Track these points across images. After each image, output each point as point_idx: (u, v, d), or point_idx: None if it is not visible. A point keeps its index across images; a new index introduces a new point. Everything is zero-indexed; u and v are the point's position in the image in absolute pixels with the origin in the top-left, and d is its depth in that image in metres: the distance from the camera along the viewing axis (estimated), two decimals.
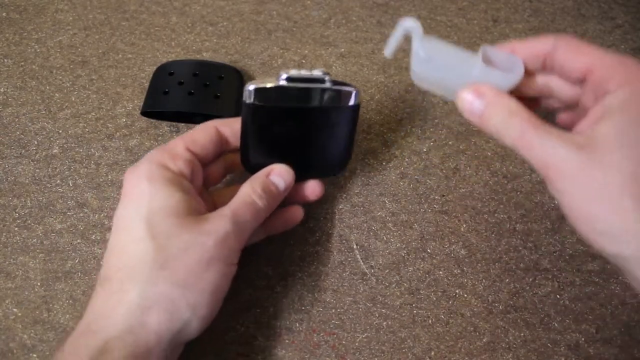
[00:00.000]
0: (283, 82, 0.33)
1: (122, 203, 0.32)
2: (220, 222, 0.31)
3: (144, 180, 0.31)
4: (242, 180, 0.35)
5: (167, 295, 0.29)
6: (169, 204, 0.30)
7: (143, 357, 0.28)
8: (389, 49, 0.31)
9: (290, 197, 0.37)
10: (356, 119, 0.36)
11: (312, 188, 0.38)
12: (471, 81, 0.29)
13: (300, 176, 0.37)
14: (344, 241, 0.40)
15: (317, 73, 0.34)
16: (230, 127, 0.36)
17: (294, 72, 0.33)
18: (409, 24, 0.30)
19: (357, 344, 0.36)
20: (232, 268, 0.32)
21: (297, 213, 0.38)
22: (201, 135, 0.35)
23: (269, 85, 0.33)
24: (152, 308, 0.28)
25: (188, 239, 0.30)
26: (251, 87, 0.33)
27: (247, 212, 0.32)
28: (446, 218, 0.41)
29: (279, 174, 0.35)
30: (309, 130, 0.36)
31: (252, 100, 0.33)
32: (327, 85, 0.34)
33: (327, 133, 0.36)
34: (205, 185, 0.36)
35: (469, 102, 0.29)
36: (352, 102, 0.35)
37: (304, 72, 0.33)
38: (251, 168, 0.36)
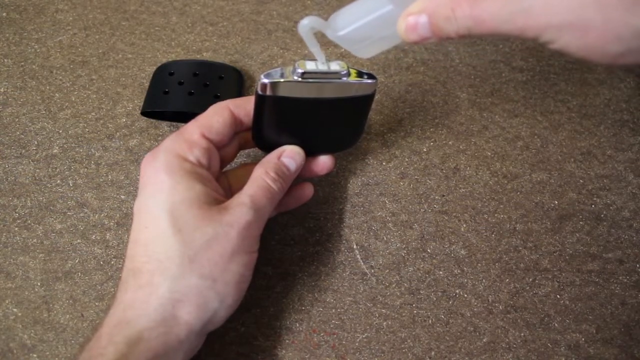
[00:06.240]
0: (298, 78, 0.32)
1: (142, 194, 0.32)
2: (241, 211, 0.31)
3: (162, 173, 0.31)
4: (254, 155, 0.34)
5: (197, 288, 0.29)
6: (190, 196, 0.30)
7: (175, 346, 0.29)
8: (319, 56, 0.31)
9: (302, 172, 0.37)
10: (371, 102, 0.36)
11: (324, 163, 0.38)
12: (397, 13, 0.27)
13: (312, 152, 0.37)
14: (344, 241, 0.40)
15: (334, 67, 0.32)
16: (244, 109, 0.35)
17: (310, 66, 0.31)
18: (308, 24, 0.29)
19: (357, 344, 0.36)
20: (254, 256, 0.32)
21: (307, 190, 0.38)
22: (216, 119, 0.34)
23: (283, 80, 0.32)
24: (182, 301, 0.29)
25: (212, 231, 0.30)
26: (265, 80, 0.32)
27: (263, 198, 0.32)
28: (446, 218, 0.41)
29: (289, 156, 0.35)
30: (323, 116, 0.35)
31: (265, 92, 0.32)
32: (345, 80, 0.32)
33: (342, 117, 0.36)
34: (221, 167, 0.36)
35: (412, 27, 0.27)
36: (369, 92, 0.34)
37: (320, 66, 0.32)
38: (265, 147, 0.36)
